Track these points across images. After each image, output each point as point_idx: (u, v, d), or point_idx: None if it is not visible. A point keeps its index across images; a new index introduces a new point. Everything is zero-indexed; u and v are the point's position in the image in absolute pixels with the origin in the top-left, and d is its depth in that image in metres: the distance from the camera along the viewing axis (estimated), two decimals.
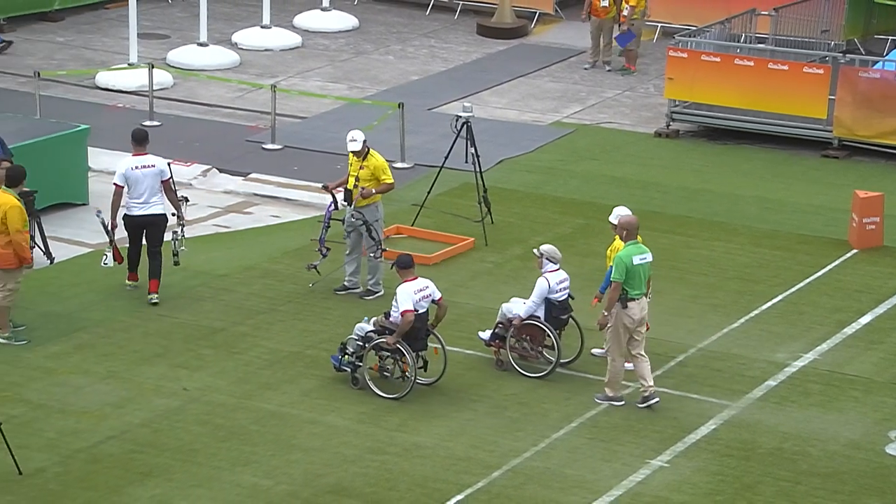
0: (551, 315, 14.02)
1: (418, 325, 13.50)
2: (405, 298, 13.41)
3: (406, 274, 13.61)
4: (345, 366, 13.72)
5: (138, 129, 15.83)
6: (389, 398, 13.51)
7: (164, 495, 11.85)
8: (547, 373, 14.02)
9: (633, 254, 13.43)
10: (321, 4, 26.74)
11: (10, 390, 13.31)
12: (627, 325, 13.42)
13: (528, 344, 14.08)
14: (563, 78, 24.36)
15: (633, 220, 13.70)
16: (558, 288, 14.10)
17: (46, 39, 24.85)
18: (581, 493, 12.21)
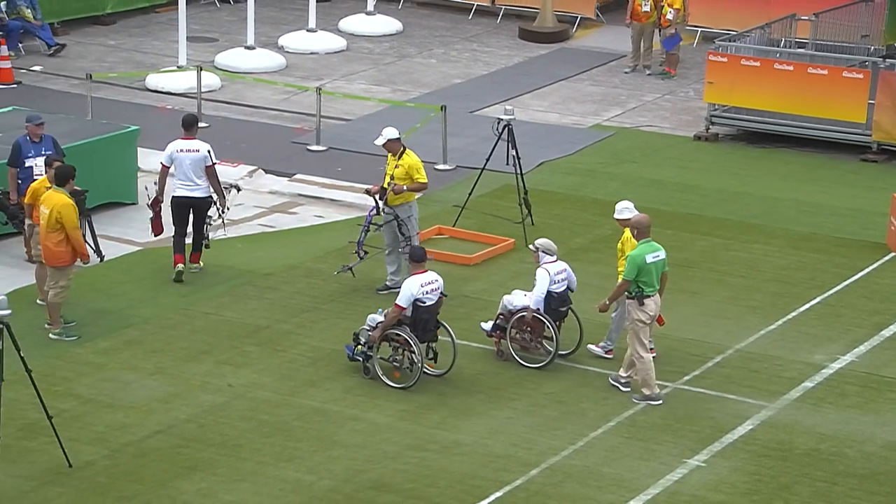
0: (550, 307, 14.11)
1: (426, 317, 13.60)
2: (405, 293, 13.51)
3: (417, 267, 13.70)
4: (357, 356, 13.82)
5: (187, 115, 16.40)
6: (398, 387, 13.56)
7: (209, 489, 11.91)
8: (546, 363, 14.10)
9: (645, 252, 13.46)
10: (366, 9, 26.79)
11: (60, 385, 13.41)
12: (644, 320, 13.46)
13: (528, 335, 14.15)
14: (604, 82, 24.30)
15: (644, 218, 13.73)
16: (557, 279, 14.17)
17: (98, 43, 25.02)
18: (618, 491, 12.18)
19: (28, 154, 16.21)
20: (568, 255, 17.10)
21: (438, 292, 13.73)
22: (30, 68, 23.24)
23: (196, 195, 15.81)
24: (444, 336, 13.86)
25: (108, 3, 25.99)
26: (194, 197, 15.80)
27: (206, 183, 15.88)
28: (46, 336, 14.37)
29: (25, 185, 16.03)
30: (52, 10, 24.73)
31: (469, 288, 16.03)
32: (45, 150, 16.23)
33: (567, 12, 27.03)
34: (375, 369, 13.69)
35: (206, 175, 15.82)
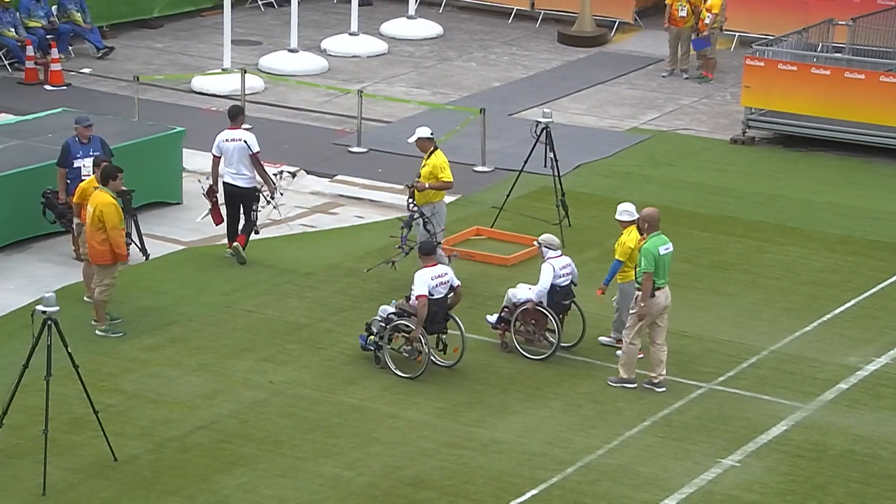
0: (553, 300, 14.19)
1: (434, 310, 13.68)
2: (420, 283, 13.58)
3: (427, 260, 13.81)
4: (370, 345, 13.91)
5: (232, 106, 16.85)
6: (406, 377, 13.64)
7: (251, 484, 11.96)
8: (548, 355, 14.18)
9: (658, 245, 13.53)
10: (407, 13, 26.82)
11: (106, 380, 13.50)
12: (654, 311, 13.50)
13: (532, 328, 14.23)
14: (641, 85, 24.23)
15: (654, 212, 13.80)
16: (561, 273, 14.28)
17: (145, 46, 25.16)
18: (653, 490, 12.13)
19: (77, 155, 16.32)
20: (604, 256, 17.07)
21: (448, 285, 13.85)
22: (79, 71, 23.40)
23: (239, 184, 16.19)
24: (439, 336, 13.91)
25: (155, 7, 26.13)
26: (238, 186, 16.21)
27: (251, 172, 16.19)
28: (93, 332, 14.47)
29: (74, 185, 16.14)
30: (101, 13, 24.90)
31: (506, 288, 15.99)
32: (94, 151, 16.33)
33: (605, 17, 26.96)
34: (386, 359, 13.79)
35: (251, 164, 16.08)
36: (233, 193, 16.27)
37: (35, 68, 22.78)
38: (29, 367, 11.76)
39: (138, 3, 25.79)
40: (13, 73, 23.02)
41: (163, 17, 26.28)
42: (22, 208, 16.64)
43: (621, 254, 14.12)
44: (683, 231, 17.95)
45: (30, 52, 22.80)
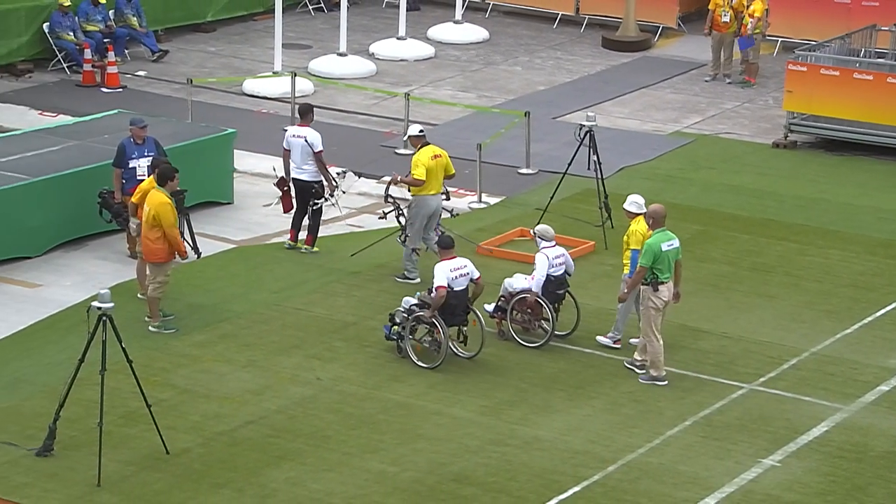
0: (548, 290, 14.29)
1: (454, 302, 13.75)
2: (440, 275, 13.71)
3: (446, 253, 13.95)
4: (393, 335, 14.03)
5: (302, 104, 17.25)
6: (426, 367, 13.72)
7: (298, 478, 11.99)
8: (542, 343, 14.27)
9: (661, 241, 13.58)
10: (454, 17, 26.83)
11: (159, 375, 13.57)
12: (658, 306, 13.59)
13: (528, 316, 14.34)
14: (684, 90, 24.11)
15: (660, 208, 13.84)
16: (555, 262, 14.41)
17: (199, 49, 25.30)
18: (694, 489, 12.06)
19: (132, 155, 16.42)
20: None
21: (467, 278, 13.92)
22: (134, 73, 23.56)
23: (300, 178, 16.59)
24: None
25: (208, 12, 26.27)
26: (299, 180, 16.58)
27: (312, 168, 16.48)
28: (146, 328, 14.55)
29: (129, 185, 16.26)
30: (156, 17, 25.06)
31: None
32: (148, 152, 16.43)
33: (649, 22, 26.84)
34: (407, 349, 13.93)
35: (314, 161, 16.42)
36: (296, 187, 16.67)
37: (92, 71, 22.95)
38: (84, 362, 11.85)
39: (192, 7, 25.93)
40: (71, 75, 23.21)
41: (216, 21, 26.42)
42: (79, 207, 16.78)
43: (635, 242, 14.13)
44: (725, 234, 17.85)
45: (87, 56, 22.97)
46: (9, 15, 22.82)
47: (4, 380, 13.56)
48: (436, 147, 16.24)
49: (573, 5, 27.58)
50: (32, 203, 16.53)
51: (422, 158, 15.94)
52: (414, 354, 13.93)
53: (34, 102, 21.86)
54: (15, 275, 16.18)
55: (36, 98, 22.09)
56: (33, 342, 14.41)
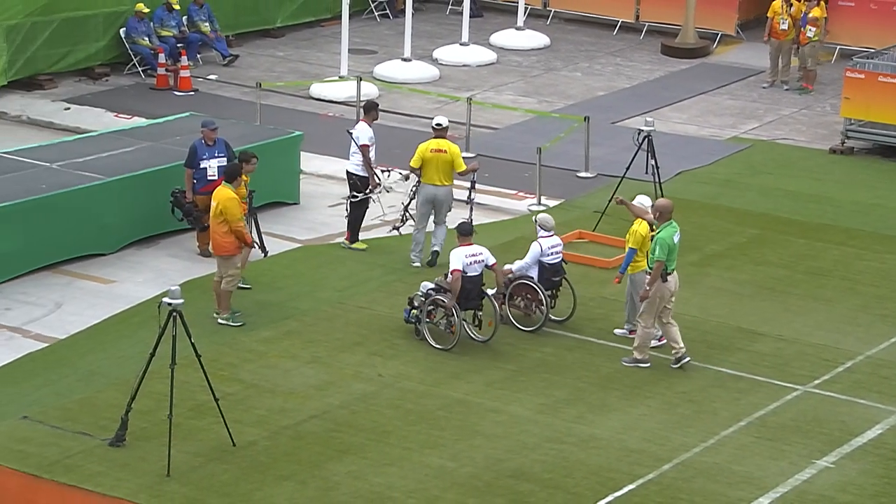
0: (544, 276, 14.50)
1: (469, 287, 13.94)
2: (455, 260, 13.94)
3: (463, 240, 14.16)
4: (412, 318, 14.22)
5: (367, 101, 17.47)
6: (440, 349, 13.90)
7: (360, 471, 12.02)
8: (538, 327, 14.46)
9: (672, 234, 13.71)
10: (516, 24, 26.79)
11: (226, 370, 13.66)
12: (665, 295, 13.69)
13: (524, 301, 14.50)
14: (742, 96, 23.91)
15: (668, 203, 13.98)
16: (550, 252, 14.60)
17: (268, 54, 25.46)
18: (748, 488, 11.96)
19: (203, 156, 16.56)
20: (703, 260, 16.89)
21: (482, 264, 14.11)
22: (206, 77, 23.75)
23: (348, 169, 16.71)
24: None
25: (277, 18, 26.43)
26: (347, 171, 16.71)
27: (357, 160, 16.56)
28: (215, 324, 14.65)
29: (200, 185, 16.40)
30: (227, 23, 25.26)
31: (607, 290, 15.91)
32: (218, 153, 16.56)
33: (708, 29, 26.65)
34: (424, 333, 14.11)
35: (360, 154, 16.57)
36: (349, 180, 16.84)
37: (166, 75, 23.18)
38: (155, 356, 11.96)
39: (262, 13, 26.11)
40: (146, 79, 23.44)
41: (285, 26, 26.58)
42: (152, 206, 16.94)
43: (634, 242, 14.23)
44: (781, 238, 17.68)
45: (161, 60, 23.20)
46: (87, 21, 23.10)
47: (79, 372, 13.72)
48: (445, 142, 16.31)
49: (633, 12, 27.45)
50: (107, 202, 16.72)
51: (421, 148, 16.33)
52: (431, 337, 14.13)
53: (110, 105, 22.11)
54: (90, 271, 16.37)
55: (112, 101, 22.34)
56: (107, 336, 14.57)
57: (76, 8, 22.83)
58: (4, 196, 16.03)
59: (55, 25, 22.60)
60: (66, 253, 16.42)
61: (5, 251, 15.83)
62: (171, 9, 23.84)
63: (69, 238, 16.41)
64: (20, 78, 22.41)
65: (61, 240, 16.33)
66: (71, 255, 16.46)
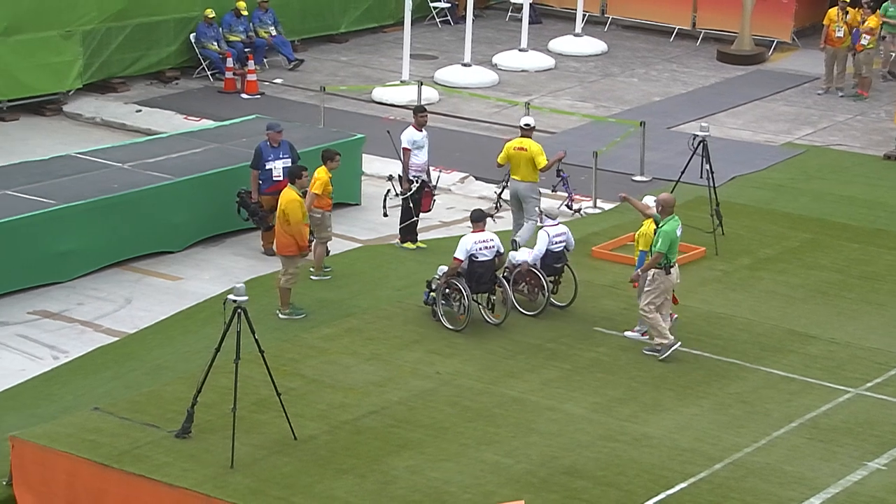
0: (546, 262, 14.83)
1: (480, 271, 14.28)
2: (460, 248, 14.28)
3: (476, 226, 14.44)
4: (430, 301, 14.52)
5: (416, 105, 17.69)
6: (454, 330, 14.26)
7: (417, 466, 12.03)
8: (540, 311, 14.75)
9: (675, 227, 13.91)
10: (574, 31, 26.71)
11: (288, 365, 13.73)
12: (669, 288, 13.89)
13: (527, 287, 14.82)
14: (797, 102, 23.67)
15: (670, 197, 14.18)
16: (555, 240, 14.90)
17: (332, 59, 25.57)
18: (799, 488, 11.83)
19: (268, 158, 16.66)
20: (756, 264, 16.75)
21: (494, 250, 14.35)
22: (272, 81, 23.90)
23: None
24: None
25: (342, 23, 26.54)
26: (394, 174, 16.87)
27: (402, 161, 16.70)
28: (278, 321, 14.74)
29: (265, 185, 16.51)
30: (293, 28, 25.40)
31: None
32: (283, 155, 16.65)
33: (764, 36, 26.42)
34: (440, 315, 14.43)
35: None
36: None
37: (233, 78, 23.35)
38: (220, 351, 12.03)
39: (327, 19, 26.23)
40: (214, 82, 23.63)
41: (349, 32, 26.68)
42: (218, 206, 17.07)
43: (644, 244, 14.37)
44: (835, 242, 17.48)
45: (229, 64, 23.38)
46: (159, 26, 23.33)
47: (147, 366, 13.85)
48: (527, 140, 16.50)
49: (690, 20, 27.27)
50: (176, 201, 16.87)
51: (507, 146, 16.59)
52: (445, 319, 14.36)
53: (179, 107, 22.30)
54: (159, 268, 16.53)
55: (181, 103, 22.53)
56: (174, 331, 14.70)
57: (149, 14, 23.06)
58: (78, 195, 16.24)
59: (128, 31, 22.84)
60: (136, 250, 16.59)
61: (79, 248, 16.02)
62: (239, 14, 24.01)
63: (139, 236, 16.58)
64: (95, 81, 22.67)
65: (132, 238, 16.50)
66: (140, 252, 16.63)
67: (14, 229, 15.43)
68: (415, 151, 16.71)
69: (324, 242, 15.84)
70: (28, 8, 21.40)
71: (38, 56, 21.65)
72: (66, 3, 21.87)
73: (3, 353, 14.34)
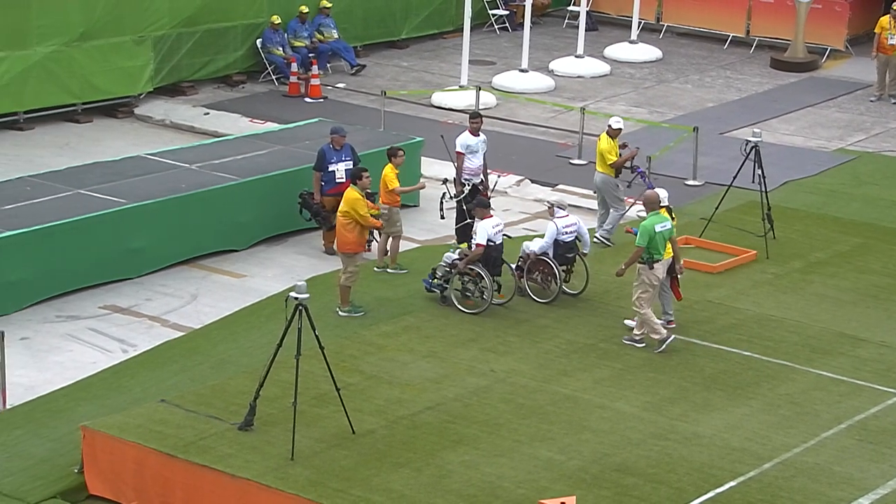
0: (558, 252, 15.12)
1: (494, 255, 14.70)
2: (482, 233, 14.66)
3: (484, 213, 14.83)
4: (434, 287, 14.83)
5: (472, 111, 17.65)
6: (470, 313, 14.50)
7: (472, 461, 12.03)
8: (552, 299, 15.00)
9: (655, 223, 14.01)
10: (629, 38, 26.59)
11: (348, 361, 13.78)
12: (654, 282, 13.98)
13: (541, 276, 15.10)
14: (850, 109, 23.39)
15: (653, 194, 14.30)
16: (565, 230, 15.15)
17: (393, 64, 25.64)
18: (848, 489, 11.69)
19: (331, 160, 16.74)
20: (807, 267, 16.58)
21: (503, 234, 14.69)
22: (335, 85, 24.00)
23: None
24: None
25: (403, 30, 26.60)
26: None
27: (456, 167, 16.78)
28: (338, 318, 14.80)
29: (328, 187, 16.59)
30: (356, 35, 25.51)
31: (713, 294, 15.71)
32: (345, 157, 16.72)
33: (817, 44, 26.14)
34: (451, 298, 14.51)
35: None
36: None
37: (298, 83, 23.47)
38: (282, 347, 12.10)
39: (389, 26, 26.30)
40: (279, 86, 23.77)
41: (410, 38, 26.74)
42: (281, 206, 17.18)
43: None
44: (885, 247, 17.25)
45: (294, 69, 23.51)
46: (227, 32, 23.52)
47: (212, 360, 13.97)
48: (602, 137, 17.02)
49: (744, 27, 27.05)
50: (241, 201, 17.00)
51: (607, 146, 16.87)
52: (457, 302, 14.65)
53: (245, 110, 22.46)
54: (224, 266, 16.66)
55: (247, 107, 22.70)
56: (238, 327, 14.81)
57: (217, 20, 23.26)
58: (148, 194, 16.40)
59: (198, 36, 23.05)
60: (202, 248, 16.73)
61: (148, 246, 16.19)
62: (304, 21, 24.15)
63: (205, 234, 16.72)
64: (165, 85, 22.90)
65: (198, 236, 16.65)
66: (207, 250, 16.77)
67: (87, 227, 15.62)
68: (469, 155, 16.72)
69: (395, 237, 15.96)
70: (103, 15, 21.67)
71: (112, 60, 21.91)
72: (138, 10, 22.12)
73: (75, 346, 14.53)
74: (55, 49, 21.24)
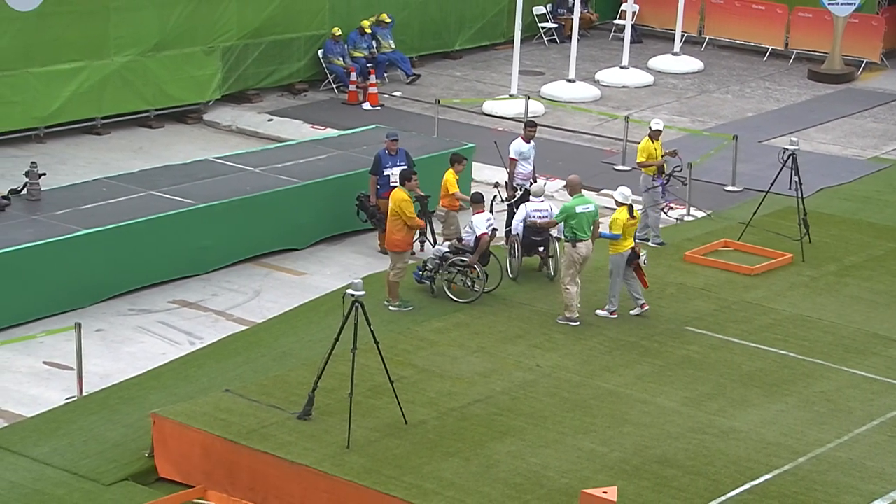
0: (527, 235, 15.39)
1: (485, 246, 14.97)
2: (481, 225, 14.85)
3: (477, 207, 15.08)
4: (424, 279, 14.94)
5: (527, 119, 17.86)
6: (462, 302, 14.67)
7: (518, 452, 12.01)
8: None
9: (576, 204, 14.46)
10: (673, 50, 26.43)
11: (401, 356, 13.80)
12: (577, 260, 14.40)
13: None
14: (885, 119, 23.09)
15: (574, 178, 14.77)
16: (534, 214, 15.32)
17: (447, 74, 25.65)
18: (880, 483, 11.54)
19: (386, 165, 16.77)
20: (842, 271, 16.39)
21: (493, 227, 15.08)
22: (391, 94, 24.06)
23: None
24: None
25: (456, 41, 26.62)
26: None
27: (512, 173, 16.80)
28: (392, 313, 14.81)
29: (383, 190, 16.61)
30: (412, 46, 25.56)
31: (750, 295, 15.57)
32: (400, 162, 16.74)
33: (854, 57, 25.84)
34: (444, 289, 14.85)
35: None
36: None
37: (356, 91, 23.55)
38: (339, 341, 12.14)
39: (443, 37, 26.32)
40: (339, 94, 23.87)
41: (463, 49, 26.74)
42: (339, 208, 17.24)
43: (616, 228, 14.58)
44: None
45: (353, 78, 23.59)
46: (291, 43, 23.66)
47: (274, 353, 14.05)
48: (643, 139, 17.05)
49: (783, 40, 26.81)
50: (301, 203, 17.08)
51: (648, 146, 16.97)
52: (450, 292, 14.75)
53: (307, 117, 22.58)
54: (285, 264, 16.76)
55: (309, 113, 22.81)
56: (298, 322, 14.88)
57: (282, 31, 23.40)
58: (215, 196, 16.53)
59: (263, 47, 23.20)
60: (264, 247, 16.83)
61: (214, 244, 16.32)
62: (363, 32, 24.23)
63: (268, 234, 16.82)
64: (232, 92, 23.07)
65: (261, 235, 16.75)
66: (269, 249, 16.88)
67: (158, 226, 15.77)
68: (521, 161, 16.70)
69: (451, 240, 15.93)
70: (175, 27, 21.89)
71: (183, 70, 22.12)
72: (209, 23, 22.31)
73: (146, 338, 14.68)
74: (131, 59, 21.47)
